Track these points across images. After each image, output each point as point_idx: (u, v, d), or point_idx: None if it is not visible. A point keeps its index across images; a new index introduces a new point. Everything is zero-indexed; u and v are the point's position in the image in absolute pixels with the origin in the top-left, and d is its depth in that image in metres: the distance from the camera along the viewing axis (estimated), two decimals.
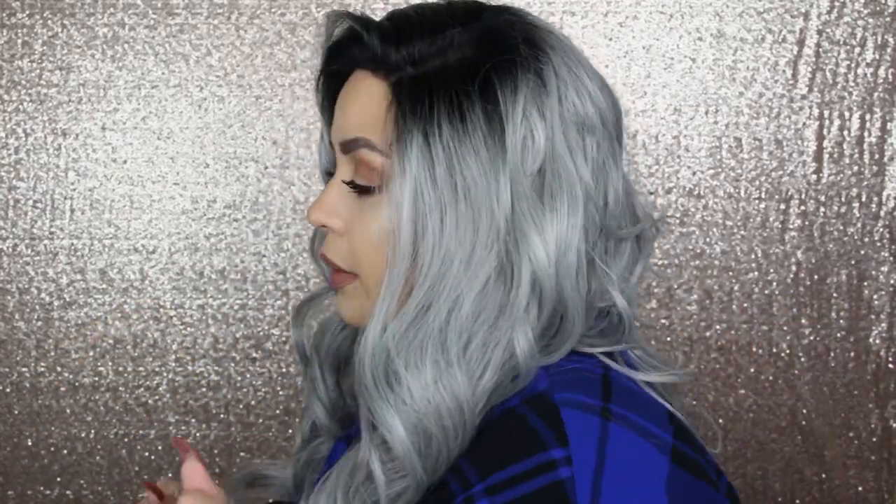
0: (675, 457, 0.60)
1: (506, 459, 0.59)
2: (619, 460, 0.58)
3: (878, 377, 1.36)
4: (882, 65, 1.34)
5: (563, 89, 0.64)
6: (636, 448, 0.59)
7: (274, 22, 1.36)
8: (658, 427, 0.61)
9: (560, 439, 0.58)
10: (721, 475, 0.66)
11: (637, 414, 0.60)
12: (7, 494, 1.41)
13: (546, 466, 0.58)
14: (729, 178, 1.35)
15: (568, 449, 0.58)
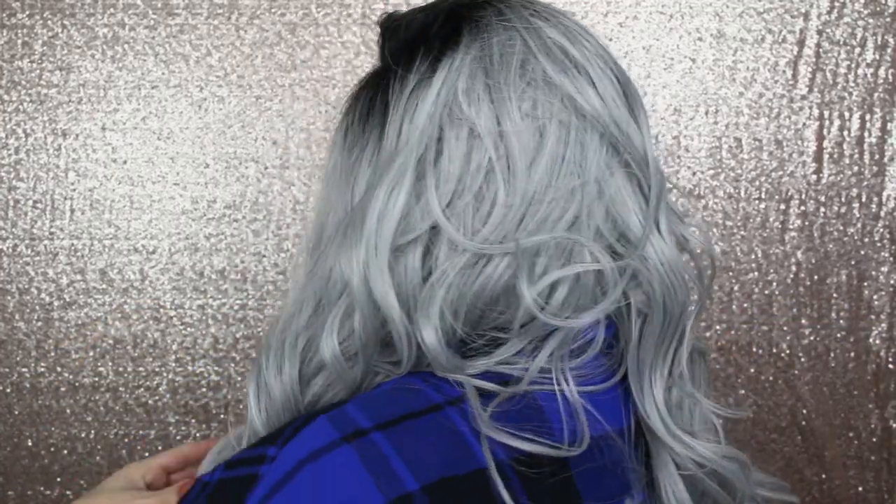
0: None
1: (253, 445, 0.57)
2: (312, 481, 0.51)
3: (878, 377, 1.36)
4: (882, 65, 1.34)
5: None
6: (343, 477, 0.51)
7: (274, 22, 1.36)
8: (406, 477, 0.51)
9: (285, 440, 0.54)
10: None
11: (400, 454, 0.52)
12: (7, 494, 1.41)
13: (258, 459, 0.54)
14: (729, 178, 1.35)
15: (280, 450, 0.53)
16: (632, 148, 0.62)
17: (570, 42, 0.64)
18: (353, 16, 1.36)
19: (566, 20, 0.66)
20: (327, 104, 1.36)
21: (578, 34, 0.65)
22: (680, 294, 0.62)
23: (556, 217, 0.59)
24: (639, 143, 0.63)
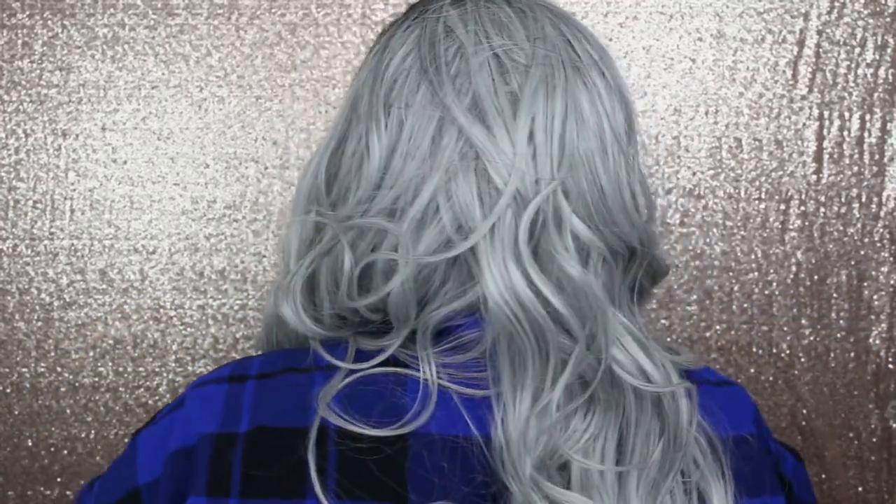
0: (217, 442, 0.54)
1: None
2: (186, 401, 0.58)
3: (878, 377, 1.36)
4: (882, 65, 1.34)
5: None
6: (204, 406, 0.56)
7: (274, 22, 1.36)
8: (244, 421, 0.55)
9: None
10: None
11: (254, 401, 0.56)
12: (7, 495, 1.41)
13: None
14: (729, 178, 1.35)
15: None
16: (492, 155, 0.57)
17: (446, 35, 0.62)
18: (353, 16, 1.36)
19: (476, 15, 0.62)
20: (327, 104, 1.36)
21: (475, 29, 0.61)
22: (531, 326, 0.55)
23: (385, 205, 0.59)
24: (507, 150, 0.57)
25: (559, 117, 0.58)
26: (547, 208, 0.56)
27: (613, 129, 0.60)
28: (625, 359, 0.56)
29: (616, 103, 0.62)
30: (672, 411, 0.55)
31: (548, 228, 0.57)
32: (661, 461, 0.55)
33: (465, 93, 0.59)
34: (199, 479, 0.53)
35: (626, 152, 0.61)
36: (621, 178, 0.60)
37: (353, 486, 0.52)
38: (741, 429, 0.61)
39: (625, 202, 0.60)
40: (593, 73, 0.62)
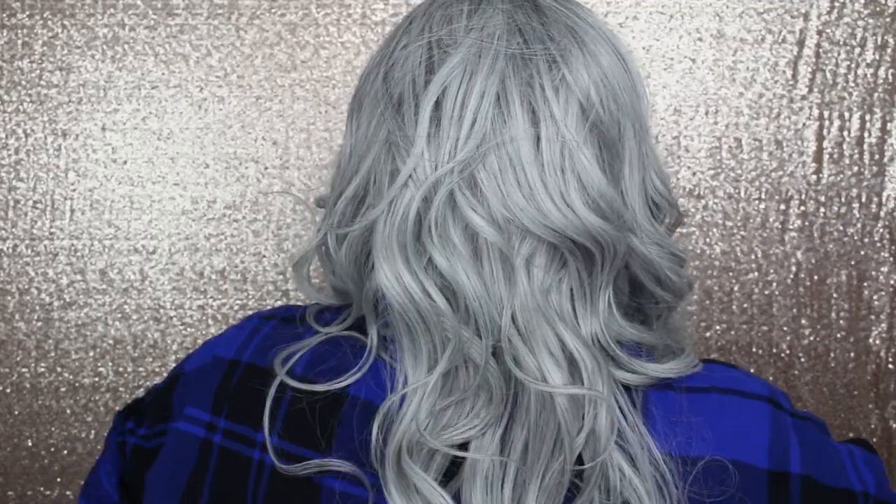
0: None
1: None
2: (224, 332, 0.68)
3: (878, 378, 1.36)
4: (882, 65, 1.34)
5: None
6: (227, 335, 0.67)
7: (274, 22, 1.36)
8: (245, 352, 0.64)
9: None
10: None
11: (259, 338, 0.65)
12: (7, 495, 1.41)
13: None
14: (729, 178, 1.35)
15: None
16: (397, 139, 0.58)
17: (404, 33, 0.63)
18: (353, 16, 1.36)
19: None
20: (327, 104, 1.36)
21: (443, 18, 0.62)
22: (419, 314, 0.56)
23: (350, 192, 0.62)
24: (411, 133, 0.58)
25: (474, 100, 0.57)
26: (437, 195, 0.56)
27: (556, 121, 0.57)
28: (525, 355, 0.55)
29: (567, 98, 0.58)
30: (568, 417, 0.53)
31: (433, 216, 0.57)
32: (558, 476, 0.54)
33: (396, 83, 0.60)
34: (205, 394, 0.63)
35: (575, 149, 0.57)
36: (561, 173, 0.56)
37: (292, 431, 0.59)
38: (718, 451, 0.55)
39: (564, 198, 0.56)
40: (539, 63, 0.58)
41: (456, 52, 0.58)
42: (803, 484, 0.56)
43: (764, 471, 0.55)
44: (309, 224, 1.37)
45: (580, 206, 0.56)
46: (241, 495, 0.59)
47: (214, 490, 0.60)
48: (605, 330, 0.57)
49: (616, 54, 0.62)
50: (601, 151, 0.58)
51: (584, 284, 0.58)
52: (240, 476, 0.60)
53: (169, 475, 0.63)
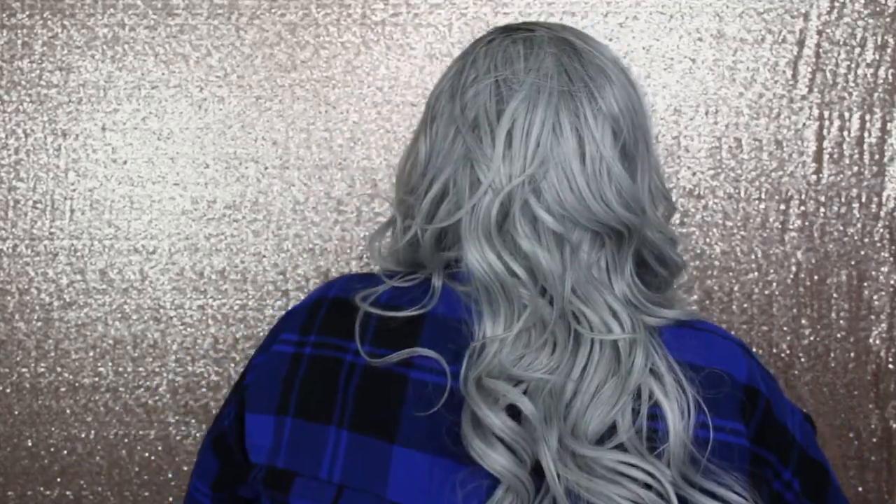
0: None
1: None
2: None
3: (879, 378, 1.36)
4: (882, 65, 1.34)
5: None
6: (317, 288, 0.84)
7: (274, 22, 1.36)
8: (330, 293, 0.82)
9: None
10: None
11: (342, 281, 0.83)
12: (7, 495, 1.41)
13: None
14: (729, 178, 1.35)
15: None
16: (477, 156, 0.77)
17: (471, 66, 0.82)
18: (353, 16, 1.36)
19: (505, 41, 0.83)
20: (327, 104, 1.36)
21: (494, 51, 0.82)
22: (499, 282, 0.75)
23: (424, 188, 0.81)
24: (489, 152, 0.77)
25: (536, 128, 0.76)
26: (515, 198, 0.75)
27: (597, 141, 0.76)
28: (589, 312, 0.73)
29: (603, 123, 0.77)
30: (625, 355, 0.72)
31: (514, 213, 0.76)
32: (612, 392, 0.71)
33: (471, 110, 0.79)
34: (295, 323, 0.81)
35: (611, 162, 0.76)
36: (601, 180, 0.75)
37: (381, 341, 0.75)
38: (714, 365, 0.74)
39: (604, 198, 0.75)
40: (582, 98, 0.77)
41: (521, 89, 0.77)
42: (766, 405, 0.76)
43: (742, 384, 0.75)
44: (309, 224, 1.37)
45: (615, 204, 0.75)
46: (333, 389, 0.75)
47: (307, 384, 0.76)
48: (630, 290, 0.76)
49: (629, 84, 0.81)
50: (624, 161, 0.77)
51: (615, 259, 0.76)
52: (331, 374, 0.76)
53: (264, 383, 0.79)
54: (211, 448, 0.88)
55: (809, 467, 0.80)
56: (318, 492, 0.74)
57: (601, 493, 0.68)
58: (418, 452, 0.72)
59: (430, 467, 0.71)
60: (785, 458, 0.77)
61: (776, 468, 0.76)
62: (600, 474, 0.69)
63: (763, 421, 0.75)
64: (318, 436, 0.75)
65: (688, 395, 0.71)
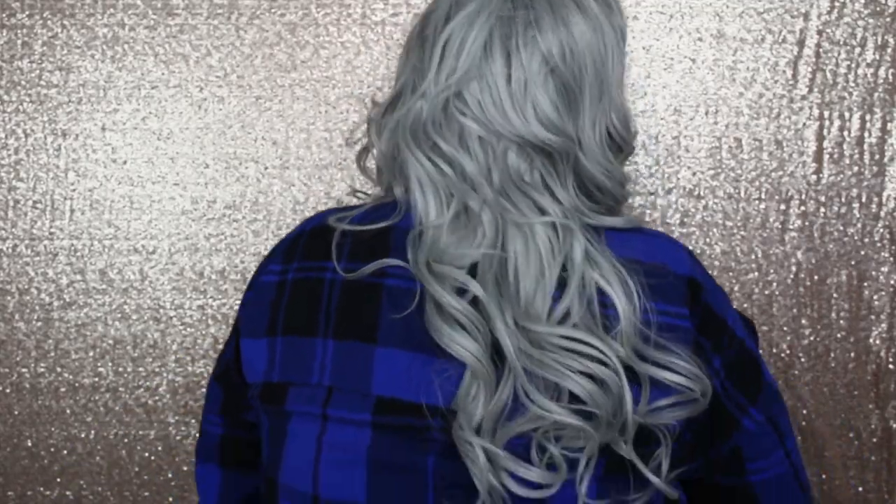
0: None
1: None
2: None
3: (879, 378, 1.36)
4: (882, 65, 1.34)
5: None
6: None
7: (274, 22, 1.36)
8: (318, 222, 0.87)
9: None
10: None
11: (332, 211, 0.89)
12: (7, 495, 1.41)
13: None
14: (729, 178, 1.35)
15: None
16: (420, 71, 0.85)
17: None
18: (353, 16, 1.36)
19: None
20: (327, 104, 1.36)
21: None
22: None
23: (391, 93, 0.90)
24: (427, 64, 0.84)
25: (469, 43, 0.82)
26: (442, 104, 0.82)
27: (524, 68, 0.81)
28: (519, 201, 0.79)
29: (533, 52, 0.82)
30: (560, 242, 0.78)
31: (440, 119, 0.82)
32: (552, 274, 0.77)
33: (428, 27, 0.86)
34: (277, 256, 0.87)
35: (536, 91, 0.81)
36: (524, 102, 0.80)
37: (356, 256, 0.81)
38: (657, 260, 0.79)
39: (525, 115, 0.80)
40: (518, 25, 0.82)
41: (467, 8, 0.83)
42: (706, 296, 0.80)
43: (685, 276, 0.80)
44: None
45: (533, 121, 0.80)
46: (316, 306, 0.81)
47: (292, 304, 0.82)
48: (570, 198, 0.81)
49: (596, 31, 0.84)
50: (559, 93, 0.81)
51: (551, 173, 0.81)
52: (314, 292, 0.82)
53: (254, 311, 0.85)
54: (215, 381, 0.95)
55: (742, 362, 0.83)
56: (309, 396, 0.80)
57: (555, 368, 0.74)
58: (397, 350, 0.77)
59: (410, 363, 0.77)
60: (718, 346, 0.81)
61: (708, 355, 0.80)
62: (553, 350, 0.74)
63: (704, 310, 0.80)
64: (307, 348, 0.80)
65: (631, 283, 0.76)
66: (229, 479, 0.98)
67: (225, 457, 0.97)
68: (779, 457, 0.86)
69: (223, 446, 0.97)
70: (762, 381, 0.84)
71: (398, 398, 0.77)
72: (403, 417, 0.76)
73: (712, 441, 0.83)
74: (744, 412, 0.83)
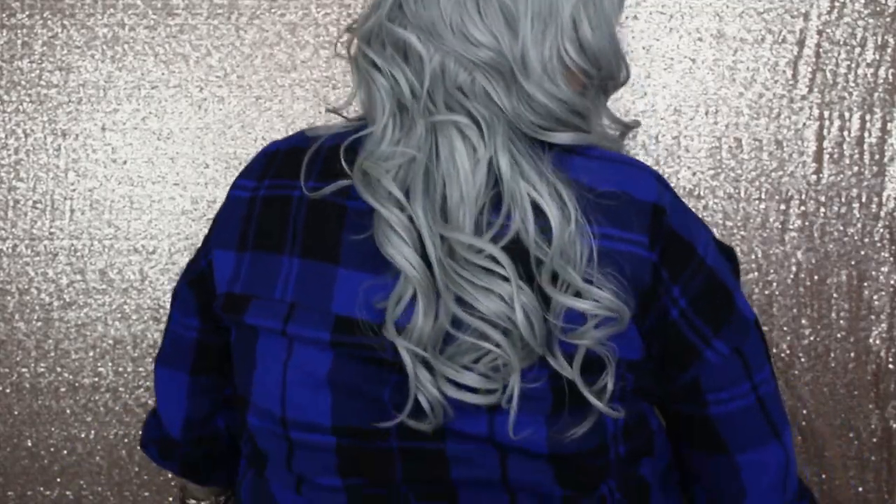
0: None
1: None
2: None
3: (879, 378, 1.36)
4: (882, 65, 1.34)
5: None
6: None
7: (274, 22, 1.36)
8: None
9: None
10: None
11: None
12: (7, 495, 1.41)
13: None
14: (729, 178, 1.35)
15: None
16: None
17: None
18: (354, 16, 1.36)
19: None
20: (327, 104, 1.36)
21: None
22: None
23: None
24: None
25: None
26: (382, 17, 0.83)
27: None
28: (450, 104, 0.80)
29: None
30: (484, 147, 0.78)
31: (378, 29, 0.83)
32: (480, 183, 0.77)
33: None
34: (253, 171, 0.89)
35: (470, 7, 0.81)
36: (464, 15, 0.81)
37: (324, 177, 0.82)
38: (618, 186, 0.78)
39: (461, 29, 0.80)
40: None
41: None
42: (670, 222, 0.79)
43: (650, 202, 0.78)
44: None
45: (468, 36, 0.80)
46: (284, 223, 0.83)
47: (262, 220, 0.84)
48: (516, 109, 0.80)
49: None
50: (497, 16, 0.81)
51: (494, 83, 0.80)
52: (283, 210, 0.83)
53: (226, 223, 0.87)
54: (188, 286, 0.96)
55: (710, 291, 0.81)
56: (271, 310, 0.81)
57: (462, 283, 0.75)
58: (358, 272, 0.79)
59: (368, 284, 0.79)
60: (676, 274, 0.79)
61: (667, 284, 0.79)
62: (465, 264, 0.75)
63: (668, 237, 0.79)
64: (273, 264, 0.82)
65: (569, 203, 0.75)
66: (198, 385, 0.98)
67: (197, 362, 0.98)
68: (743, 389, 0.83)
69: (197, 350, 0.97)
70: (733, 311, 0.82)
71: (355, 318, 0.78)
72: (359, 337, 0.78)
73: (670, 370, 0.82)
74: (707, 343, 0.81)
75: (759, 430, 0.84)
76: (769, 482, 0.85)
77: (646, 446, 0.86)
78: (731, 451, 0.84)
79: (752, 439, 0.84)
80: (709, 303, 0.81)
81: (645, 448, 0.86)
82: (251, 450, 0.88)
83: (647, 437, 0.86)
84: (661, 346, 0.81)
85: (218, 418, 1.02)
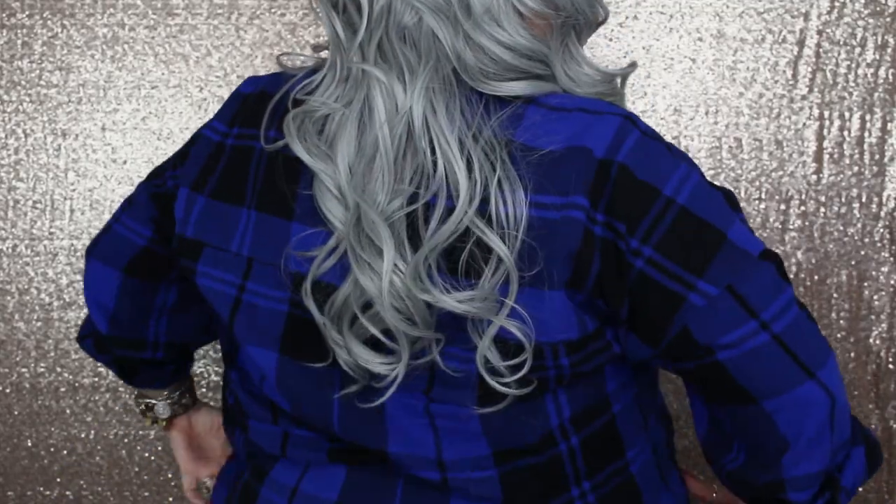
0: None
1: None
2: None
3: (879, 378, 1.36)
4: (882, 65, 1.34)
5: None
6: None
7: (274, 22, 1.36)
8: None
9: None
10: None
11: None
12: (7, 495, 1.41)
13: None
14: (729, 178, 1.35)
15: None
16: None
17: None
18: None
19: None
20: None
21: None
22: None
23: None
24: None
25: None
26: None
27: None
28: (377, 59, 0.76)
29: None
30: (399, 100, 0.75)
31: None
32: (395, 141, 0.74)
33: None
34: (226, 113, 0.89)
35: None
36: None
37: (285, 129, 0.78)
38: (575, 142, 0.73)
39: None
40: None
41: None
42: (619, 170, 0.72)
43: (598, 159, 0.72)
44: None
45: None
46: (245, 175, 0.82)
47: (225, 171, 0.83)
48: (462, 52, 0.75)
49: None
50: None
51: (441, 24, 0.75)
52: (245, 162, 0.82)
53: (192, 159, 0.87)
54: (150, 198, 0.95)
55: (683, 230, 0.73)
56: (229, 263, 0.82)
57: (358, 253, 0.72)
58: (311, 228, 0.77)
59: (322, 240, 0.77)
60: (633, 224, 0.72)
61: (626, 239, 0.72)
62: (364, 235, 0.73)
63: (618, 190, 0.72)
64: (231, 215, 0.82)
65: (477, 170, 0.71)
66: (129, 285, 0.97)
67: (133, 263, 0.96)
68: (749, 328, 0.73)
69: (138, 255, 0.96)
70: (720, 247, 0.73)
71: (305, 274, 0.76)
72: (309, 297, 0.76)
73: (654, 326, 0.74)
74: (689, 286, 0.72)
75: (786, 371, 0.74)
76: (812, 427, 0.75)
77: (609, 435, 0.80)
78: (757, 398, 0.74)
79: (779, 382, 0.74)
80: (683, 243, 0.73)
81: (610, 437, 0.80)
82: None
83: (605, 425, 0.80)
84: (634, 304, 0.74)
85: (149, 325, 1.00)
